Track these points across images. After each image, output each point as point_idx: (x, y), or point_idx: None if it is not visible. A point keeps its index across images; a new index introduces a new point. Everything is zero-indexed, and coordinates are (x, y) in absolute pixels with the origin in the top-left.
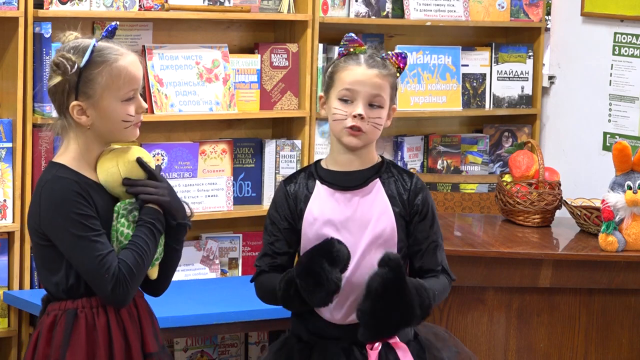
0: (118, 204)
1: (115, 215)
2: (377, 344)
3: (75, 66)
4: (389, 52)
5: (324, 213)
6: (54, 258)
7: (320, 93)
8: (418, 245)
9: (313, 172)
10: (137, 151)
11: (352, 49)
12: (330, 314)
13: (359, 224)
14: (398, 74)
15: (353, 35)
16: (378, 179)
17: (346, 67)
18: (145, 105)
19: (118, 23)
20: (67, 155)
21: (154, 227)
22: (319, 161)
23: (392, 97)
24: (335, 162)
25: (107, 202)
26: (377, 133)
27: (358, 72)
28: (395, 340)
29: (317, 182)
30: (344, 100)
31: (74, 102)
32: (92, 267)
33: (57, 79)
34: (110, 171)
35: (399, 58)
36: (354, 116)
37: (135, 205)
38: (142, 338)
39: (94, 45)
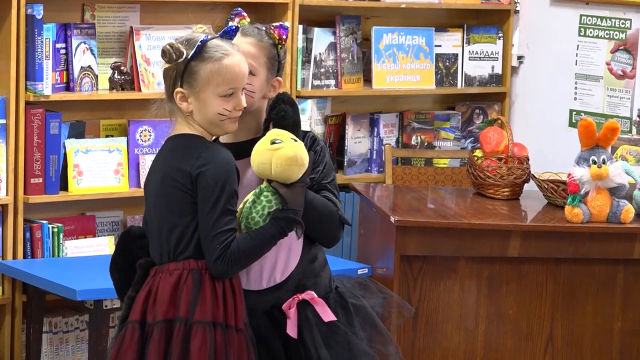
0: (262, 187)
1: (254, 197)
2: (292, 308)
3: (183, 56)
4: (272, 25)
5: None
6: (189, 221)
7: None
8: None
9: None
10: (293, 149)
11: (237, 22)
12: (247, 281)
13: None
14: (280, 46)
15: (239, 9)
16: None
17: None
18: (244, 104)
19: (238, 26)
20: (201, 132)
21: (283, 232)
22: (217, 139)
23: (270, 67)
24: (227, 136)
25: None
26: (248, 100)
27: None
28: (312, 296)
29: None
30: None
31: (178, 89)
32: (212, 233)
33: (166, 66)
34: (263, 166)
35: (280, 29)
36: None
37: (277, 198)
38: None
39: (202, 41)
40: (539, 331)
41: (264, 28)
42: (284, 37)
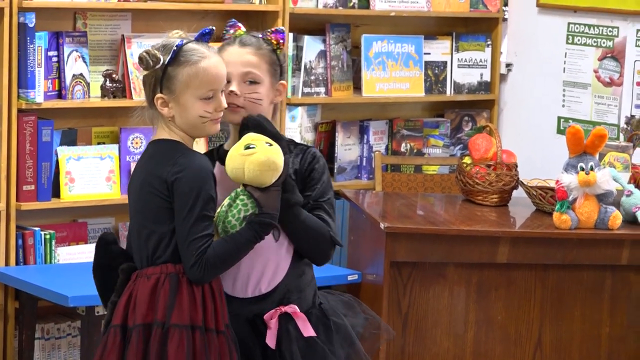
0: (238, 192)
1: (230, 201)
2: (274, 319)
3: (160, 62)
4: (268, 30)
5: (222, 193)
6: (169, 219)
7: None
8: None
9: (214, 155)
10: (265, 154)
11: (232, 33)
12: (232, 288)
13: None
14: (279, 50)
15: (234, 20)
16: None
17: (223, 49)
18: (225, 105)
19: (214, 28)
20: (181, 138)
21: (259, 236)
22: (222, 145)
23: (273, 73)
24: (233, 143)
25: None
26: (258, 108)
27: (230, 52)
28: (294, 310)
29: (217, 163)
30: None
31: (158, 95)
32: (188, 239)
33: (151, 73)
34: (236, 171)
35: (276, 34)
36: (228, 94)
37: (252, 202)
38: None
39: (177, 45)
40: (527, 337)
41: (260, 35)
42: (282, 41)
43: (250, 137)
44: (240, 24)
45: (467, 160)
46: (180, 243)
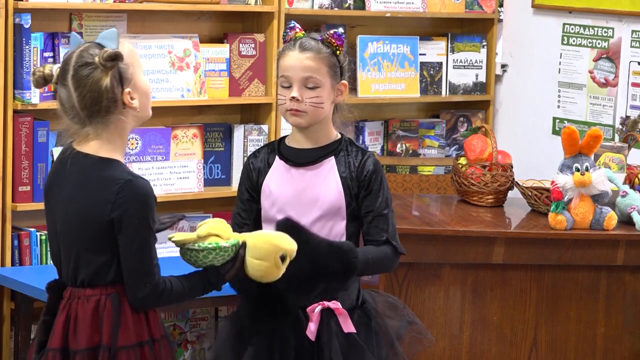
0: (235, 247)
1: (229, 255)
2: (317, 307)
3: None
4: (326, 33)
5: (279, 187)
6: (108, 246)
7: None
8: (364, 218)
9: (275, 148)
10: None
11: (292, 36)
12: None
13: (309, 199)
14: (338, 52)
15: (294, 22)
16: (333, 157)
17: (283, 54)
18: None
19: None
20: (118, 154)
21: (211, 287)
22: (284, 137)
23: (333, 75)
24: (295, 140)
25: None
26: (320, 112)
27: (291, 58)
28: (337, 306)
29: (277, 157)
30: (283, 86)
31: (126, 90)
32: (141, 268)
33: (107, 78)
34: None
35: (334, 36)
36: (290, 99)
37: (235, 250)
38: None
39: (116, 43)
40: (523, 337)
41: (319, 38)
42: (340, 42)
43: (286, 245)
44: (298, 26)
45: (462, 161)
46: (130, 273)
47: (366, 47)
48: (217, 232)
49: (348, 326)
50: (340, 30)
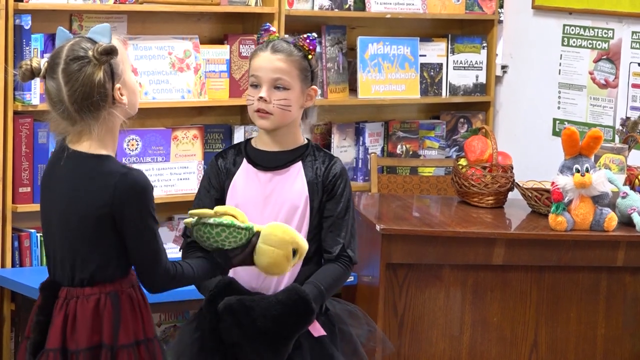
0: (248, 230)
1: (243, 236)
2: None
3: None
4: (299, 37)
5: (245, 189)
6: (108, 243)
7: None
8: (324, 222)
9: (242, 150)
10: (279, 266)
11: (266, 38)
12: (257, 287)
13: (275, 203)
14: (310, 56)
15: (268, 24)
16: (300, 162)
17: (255, 54)
18: None
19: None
20: (110, 150)
21: (218, 270)
22: (250, 139)
23: (303, 79)
24: (261, 142)
25: None
26: (287, 115)
27: (262, 58)
28: None
29: (244, 159)
30: (253, 86)
31: (117, 86)
32: (150, 256)
33: (99, 73)
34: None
35: (307, 41)
36: (258, 99)
37: (248, 236)
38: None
39: (110, 36)
40: (523, 338)
41: (292, 41)
42: (313, 47)
43: (296, 241)
44: (273, 29)
45: (462, 162)
46: (140, 262)
47: (366, 48)
48: (233, 214)
49: (317, 330)
50: (314, 35)
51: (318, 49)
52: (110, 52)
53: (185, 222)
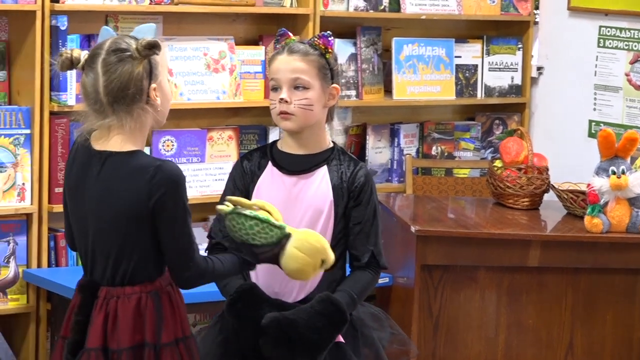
0: (282, 230)
1: (268, 223)
2: None
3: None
4: (314, 36)
5: (269, 192)
6: (145, 242)
7: None
8: (351, 229)
9: (267, 152)
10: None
11: (283, 42)
12: (280, 295)
13: (299, 207)
14: (328, 55)
15: (284, 29)
16: (325, 166)
17: (273, 58)
18: None
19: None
20: (140, 146)
21: (245, 266)
22: (275, 142)
23: (323, 77)
24: (286, 145)
25: None
26: (309, 114)
27: (280, 61)
28: None
29: (270, 162)
30: (273, 89)
31: (153, 85)
32: (184, 248)
33: (139, 67)
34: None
35: (323, 39)
36: (279, 101)
37: (279, 236)
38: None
39: (154, 31)
40: (558, 340)
41: (307, 42)
42: (330, 45)
43: (322, 250)
44: (289, 33)
45: (498, 163)
46: (173, 255)
47: (402, 49)
48: (270, 210)
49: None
50: (329, 33)
51: (353, 50)
52: (154, 46)
53: (219, 208)
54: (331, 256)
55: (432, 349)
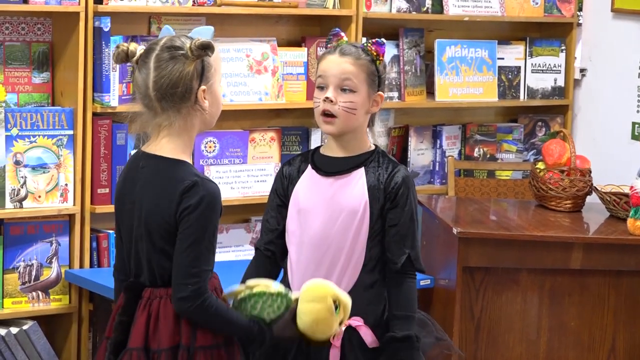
0: (282, 298)
1: (268, 296)
2: (338, 336)
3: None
4: (368, 41)
5: (307, 195)
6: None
7: None
8: (388, 231)
9: (308, 157)
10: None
11: (335, 42)
12: None
13: (334, 208)
14: (378, 62)
15: (337, 29)
16: (363, 168)
17: (323, 57)
18: None
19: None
20: (187, 155)
21: (257, 333)
22: (318, 147)
23: (370, 83)
24: (328, 148)
25: None
26: (352, 118)
27: (330, 60)
28: (358, 323)
29: (309, 166)
30: (319, 88)
31: (202, 87)
32: (187, 266)
33: (190, 66)
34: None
35: (375, 45)
36: (324, 100)
37: (284, 310)
38: None
39: (211, 33)
40: (601, 343)
41: (360, 46)
42: (382, 52)
43: (337, 301)
44: (342, 33)
45: (540, 165)
46: (176, 270)
47: (444, 51)
48: (266, 284)
49: (370, 340)
50: (382, 40)
51: (395, 52)
52: (207, 47)
53: (224, 297)
54: (342, 295)
55: (474, 351)
